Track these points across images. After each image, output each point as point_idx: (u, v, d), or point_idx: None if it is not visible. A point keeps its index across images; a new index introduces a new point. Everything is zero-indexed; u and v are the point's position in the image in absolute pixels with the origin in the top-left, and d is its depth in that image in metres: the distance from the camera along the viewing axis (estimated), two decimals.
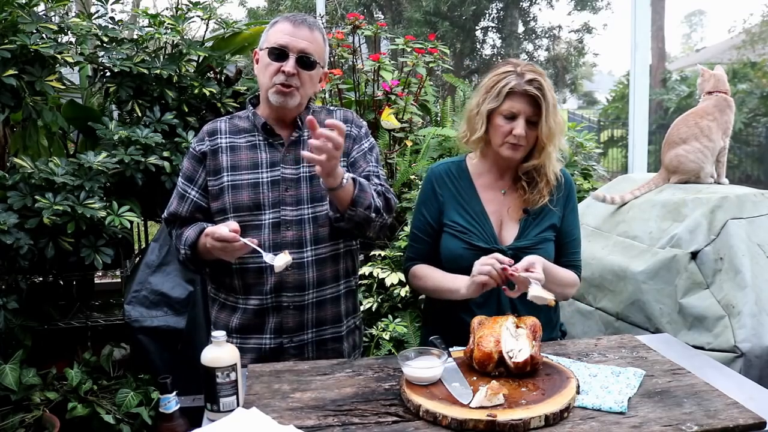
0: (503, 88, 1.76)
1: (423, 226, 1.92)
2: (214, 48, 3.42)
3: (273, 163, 1.79)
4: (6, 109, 2.64)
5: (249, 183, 1.78)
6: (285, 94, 1.75)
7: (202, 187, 1.82)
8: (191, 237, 1.75)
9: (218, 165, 1.80)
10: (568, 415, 1.37)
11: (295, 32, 1.74)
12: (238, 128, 1.84)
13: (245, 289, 1.80)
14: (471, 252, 1.81)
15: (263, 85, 1.78)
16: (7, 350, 2.61)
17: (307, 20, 1.78)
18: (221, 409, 1.42)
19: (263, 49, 1.78)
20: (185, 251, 1.77)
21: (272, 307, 1.78)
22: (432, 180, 1.93)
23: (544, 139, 1.78)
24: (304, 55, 1.74)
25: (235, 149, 1.81)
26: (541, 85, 1.75)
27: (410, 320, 2.90)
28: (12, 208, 2.50)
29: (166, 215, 1.88)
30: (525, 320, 1.63)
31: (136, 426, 2.64)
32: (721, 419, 1.34)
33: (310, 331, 1.82)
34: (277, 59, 1.73)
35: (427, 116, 3.93)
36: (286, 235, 1.76)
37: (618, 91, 14.35)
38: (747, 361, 2.12)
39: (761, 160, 12.14)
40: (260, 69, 1.80)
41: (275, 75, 1.74)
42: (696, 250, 2.32)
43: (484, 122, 1.81)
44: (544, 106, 1.75)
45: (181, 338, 2.70)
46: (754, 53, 15.05)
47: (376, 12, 12.56)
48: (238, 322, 1.82)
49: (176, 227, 1.84)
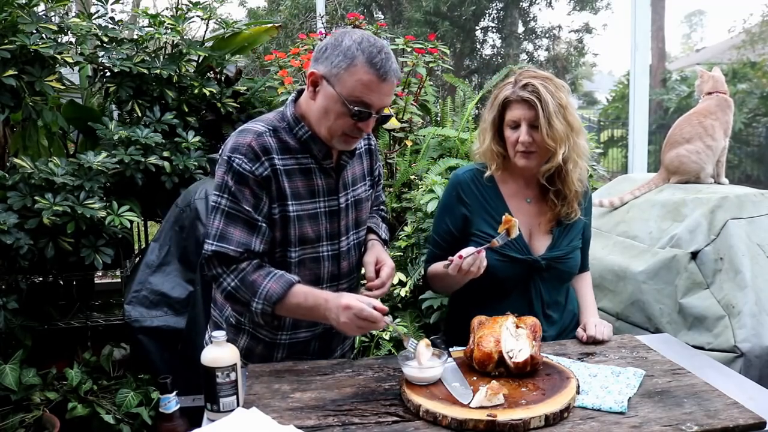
0: (499, 98, 1.81)
1: (444, 234, 1.91)
2: (214, 48, 3.42)
3: (329, 191, 1.65)
4: (6, 109, 2.65)
5: (309, 213, 1.62)
6: (354, 142, 1.61)
7: (268, 216, 1.58)
8: (276, 292, 1.53)
9: (281, 190, 1.57)
10: (568, 415, 1.37)
11: (382, 89, 1.51)
12: (287, 147, 1.60)
13: (294, 324, 1.71)
14: (506, 263, 1.81)
15: (329, 129, 1.55)
16: (7, 350, 2.61)
17: (392, 69, 1.51)
18: (221, 409, 1.42)
19: (337, 92, 1.50)
20: (264, 306, 1.54)
21: (320, 333, 1.75)
22: (457, 187, 1.90)
23: (548, 141, 1.75)
24: (382, 110, 1.56)
25: (290, 174, 1.59)
26: (536, 88, 1.74)
27: (410, 320, 2.90)
28: (12, 208, 2.50)
29: (218, 251, 1.54)
30: (525, 320, 1.63)
31: (136, 426, 2.64)
32: (721, 419, 1.34)
33: None
34: (356, 117, 1.51)
35: (427, 116, 3.93)
36: (343, 266, 1.72)
37: (618, 91, 14.34)
38: (747, 361, 2.12)
39: (761, 160, 12.13)
40: (328, 109, 1.53)
41: (349, 128, 1.54)
42: (696, 250, 2.32)
43: (489, 134, 1.84)
44: (540, 107, 1.73)
45: (181, 338, 2.69)
46: (754, 53, 15.04)
47: (376, 12, 12.55)
48: (282, 354, 1.74)
49: (236, 272, 1.55)
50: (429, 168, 3.15)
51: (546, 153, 1.79)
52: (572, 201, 1.86)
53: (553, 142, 1.75)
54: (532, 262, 1.83)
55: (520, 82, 1.77)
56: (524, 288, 1.86)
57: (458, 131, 3.33)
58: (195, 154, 3.02)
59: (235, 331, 1.73)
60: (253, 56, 5.92)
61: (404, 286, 2.96)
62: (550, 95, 1.74)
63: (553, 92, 1.75)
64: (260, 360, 1.72)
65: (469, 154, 3.27)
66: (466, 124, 3.42)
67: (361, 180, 1.75)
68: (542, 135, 1.75)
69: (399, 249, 3.07)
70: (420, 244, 3.05)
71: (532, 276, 1.85)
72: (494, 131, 1.85)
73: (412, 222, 3.03)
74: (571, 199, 1.85)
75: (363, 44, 1.49)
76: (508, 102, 1.79)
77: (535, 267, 1.84)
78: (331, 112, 1.53)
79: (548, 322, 1.88)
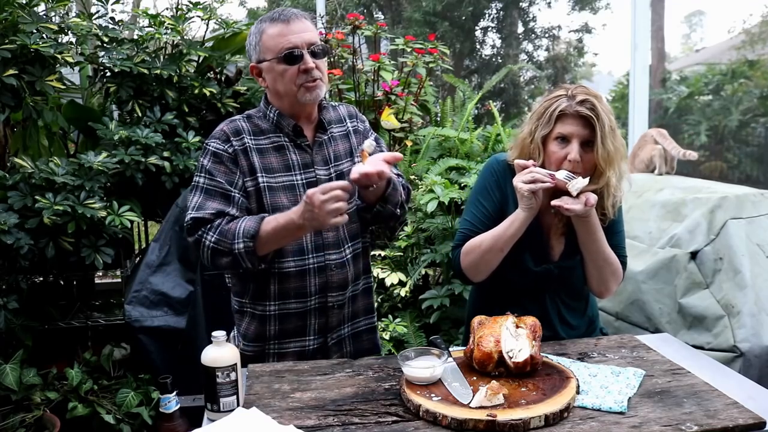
0: (554, 111, 1.70)
1: (481, 216, 1.81)
2: (214, 48, 3.42)
3: (305, 164, 1.76)
4: (6, 109, 2.65)
5: (284, 185, 1.72)
6: (315, 89, 1.71)
7: (243, 189, 1.71)
8: (251, 226, 1.61)
9: (252, 165, 1.71)
10: (568, 415, 1.37)
11: (292, 29, 1.69)
12: (260, 129, 1.76)
13: (281, 294, 1.74)
14: (519, 270, 1.80)
15: (286, 92, 1.71)
16: (8, 350, 2.61)
17: (293, 13, 1.72)
18: (221, 409, 1.42)
19: (268, 60, 1.70)
20: (245, 243, 1.60)
21: (316, 308, 1.76)
22: (496, 174, 1.83)
23: (602, 162, 1.67)
24: (313, 46, 1.70)
25: (263, 151, 1.73)
26: (594, 105, 1.67)
27: (410, 320, 2.90)
28: (12, 208, 2.50)
29: (196, 216, 1.66)
30: (525, 320, 1.63)
31: (137, 426, 2.64)
32: (721, 419, 1.35)
33: (347, 326, 1.84)
34: (292, 62, 1.68)
35: (427, 116, 3.93)
36: (327, 236, 1.75)
37: (618, 91, 14.33)
38: (746, 360, 2.13)
39: (761, 160, 12.12)
40: (274, 79, 1.71)
41: (297, 77, 1.69)
42: (695, 250, 2.32)
43: (540, 150, 1.73)
44: (598, 127, 1.66)
45: (181, 338, 2.70)
46: (753, 54, 15.04)
47: (375, 12, 12.55)
48: (275, 330, 1.77)
49: (213, 228, 1.65)
50: (429, 168, 3.16)
51: (590, 173, 1.71)
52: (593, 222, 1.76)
53: (605, 163, 1.68)
54: (546, 270, 1.81)
55: (577, 98, 1.69)
56: (540, 294, 1.84)
57: (458, 131, 3.33)
58: (195, 154, 3.02)
59: (240, 316, 1.82)
60: None
61: (404, 286, 2.96)
62: (606, 115, 1.68)
63: (607, 112, 1.69)
64: (255, 339, 1.77)
65: (471, 155, 3.27)
66: (465, 124, 3.42)
67: (345, 157, 1.82)
68: (596, 155, 1.67)
69: (399, 249, 3.07)
70: (420, 244, 3.05)
71: (547, 284, 1.83)
72: (544, 143, 1.73)
73: (412, 222, 3.03)
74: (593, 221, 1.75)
75: (262, 18, 1.75)
76: (561, 115, 1.69)
77: (549, 276, 1.82)
78: (277, 78, 1.71)
79: (566, 326, 1.88)
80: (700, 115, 12.06)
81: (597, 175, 1.71)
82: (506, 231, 1.72)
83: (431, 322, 2.83)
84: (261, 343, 1.77)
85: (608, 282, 1.83)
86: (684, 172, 3.32)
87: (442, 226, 2.85)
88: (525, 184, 1.65)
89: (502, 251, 1.75)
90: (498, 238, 1.74)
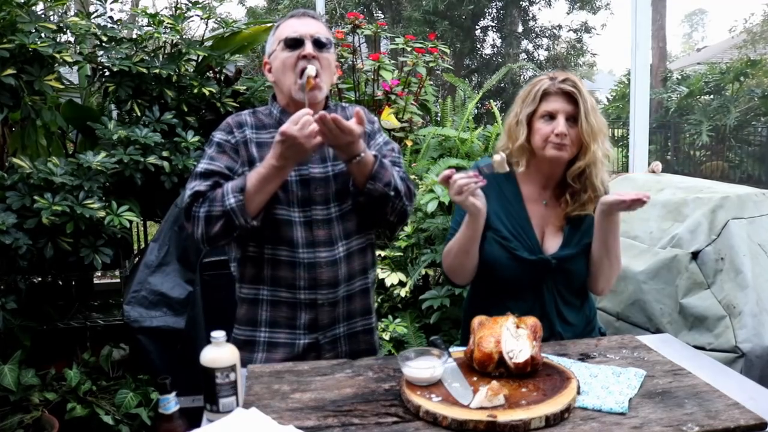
0: (538, 91, 1.79)
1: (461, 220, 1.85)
2: (213, 47, 3.41)
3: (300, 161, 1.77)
4: (5, 108, 2.64)
5: None
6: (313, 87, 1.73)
7: None
8: (237, 182, 1.65)
9: (251, 156, 1.77)
10: (569, 416, 1.37)
11: (302, 23, 1.77)
12: (263, 123, 1.82)
13: (273, 280, 1.78)
14: (515, 262, 1.81)
15: (287, 84, 1.76)
16: (6, 350, 2.61)
17: (308, 12, 1.83)
18: (221, 410, 1.41)
19: (275, 50, 1.78)
20: (236, 197, 1.63)
21: (306, 303, 1.77)
22: None
23: (586, 136, 1.75)
24: (318, 38, 1.75)
25: (261, 145, 1.78)
26: (576, 83, 1.77)
27: (410, 320, 2.89)
28: (11, 208, 2.49)
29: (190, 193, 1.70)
30: (525, 320, 1.62)
31: (136, 426, 2.64)
32: (722, 420, 1.34)
33: (342, 325, 1.83)
34: (293, 47, 1.74)
35: (427, 116, 3.93)
36: (318, 234, 1.76)
37: (618, 90, 14.35)
38: (748, 361, 2.12)
39: (762, 160, 12.13)
40: (278, 70, 1.77)
41: (296, 64, 1.73)
42: (697, 250, 2.32)
43: (524, 129, 1.80)
44: (581, 101, 1.74)
45: (180, 338, 2.69)
46: (755, 53, 15.05)
47: (375, 11, 12.55)
48: (267, 315, 1.80)
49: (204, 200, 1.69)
50: (429, 168, 3.15)
51: (577, 149, 1.79)
52: (588, 203, 1.83)
53: (590, 137, 1.75)
54: (543, 261, 1.82)
55: (559, 77, 1.78)
56: (537, 288, 1.85)
57: (458, 131, 3.33)
58: (194, 154, 3.01)
59: (239, 303, 1.84)
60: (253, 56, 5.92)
61: (404, 286, 2.95)
62: (586, 92, 1.77)
63: (586, 91, 1.78)
64: (246, 323, 1.80)
65: (471, 155, 3.27)
66: (466, 124, 3.42)
67: None
68: (580, 129, 1.75)
69: (399, 249, 3.06)
70: (420, 244, 3.04)
71: (545, 276, 1.84)
72: (530, 125, 1.82)
73: (412, 222, 3.03)
74: (586, 201, 1.83)
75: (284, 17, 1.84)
76: (545, 94, 1.78)
77: (546, 267, 1.83)
78: (280, 66, 1.76)
79: (564, 323, 1.88)
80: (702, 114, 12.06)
81: (584, 151, 1.78)
82: (464, 233, 1.80)
83: (431, 322, 2.83)
84: (252, 328, 1.79)
85: (612, 279, 1.89)
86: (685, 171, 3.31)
87: (442, 226, 2.84)
88: (456, 195, 1.70)
89: (468, 253, 1.82)
90: (460, 241, 1.82)
